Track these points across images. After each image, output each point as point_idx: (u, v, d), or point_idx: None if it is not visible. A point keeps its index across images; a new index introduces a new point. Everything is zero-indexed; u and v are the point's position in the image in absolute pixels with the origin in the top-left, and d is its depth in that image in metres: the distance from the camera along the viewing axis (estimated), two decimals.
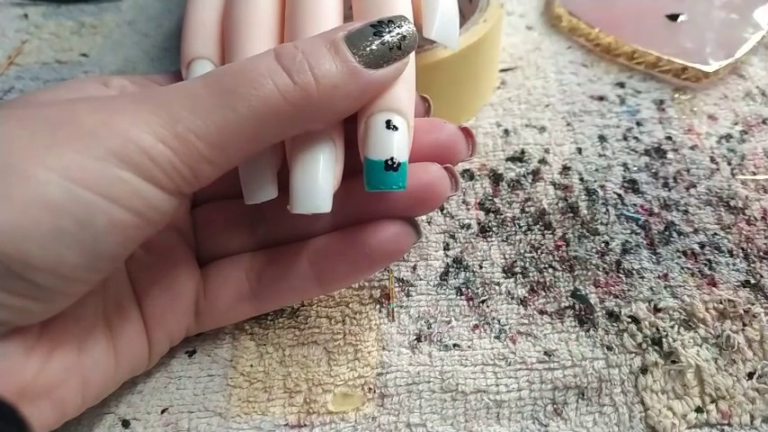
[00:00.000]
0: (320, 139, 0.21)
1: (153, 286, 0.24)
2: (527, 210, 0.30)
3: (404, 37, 0.21)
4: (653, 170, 0.32)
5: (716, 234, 0.29)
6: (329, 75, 0.19)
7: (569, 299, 0.27)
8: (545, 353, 0.25)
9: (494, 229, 0.30)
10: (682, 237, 0.29)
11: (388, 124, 0.21)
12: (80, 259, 0.18)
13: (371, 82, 0.20)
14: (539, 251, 0.29)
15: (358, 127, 0.22)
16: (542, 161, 0.32)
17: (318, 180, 0.21)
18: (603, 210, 0.30)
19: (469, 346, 0.26)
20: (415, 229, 0.24)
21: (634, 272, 0.28)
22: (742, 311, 0.26)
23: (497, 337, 0.26)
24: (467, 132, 0.24)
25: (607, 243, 0.29)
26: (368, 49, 0.20)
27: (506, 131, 0.34)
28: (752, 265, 0.28)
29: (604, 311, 0.26)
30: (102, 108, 0.19)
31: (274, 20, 0.26)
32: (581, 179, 0.31)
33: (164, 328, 0.24)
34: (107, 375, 0.22)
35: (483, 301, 0.27)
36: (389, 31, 0.21)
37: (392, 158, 0.21)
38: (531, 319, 0.26)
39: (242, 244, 0.26)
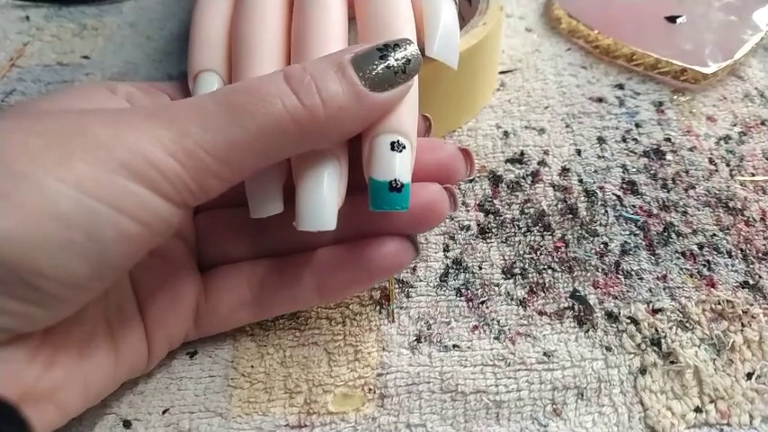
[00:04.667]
0: (325, 159, 0.22)
1: (154, 290, 0.24)
2: (526, 211, 0.30)
3: (408, 61, 0.21)
4: (652, 171, 0.32)
5: (715, 235, 0.29)
6: (336, 97, 0.20)
7: (568, 300, 0.27)
8: (544, 353, 0.25)
9: (493, 230, 0.30)
10: (681, 238, 0.29)
11: (393, 146, 0.21)
12: (88, 269, 0.18)
13: (376, 104, 0.21)
14: (538, 252, 0.29)
15: (362, 148, 0.22)
16: (542, 163, 0.33)
17: (323, 199, 0.21)
18: (602, 211, 0.30)
19: (469, 347, 0.26)
20: (414, 246, 0.24)
21: (633, 273, 0.28)
22: (741, 312, 0.26)
23: (497, 338, 0.26)
24: (466, 153, 0.25)
25: (606, 244, 0.29)
26: (373, 72, 0.21)
27: (506, 133, 0.34)
28: (750, 265, 0.28)
29: (603, 312, 0.27)
30: (113, 121, 0.19)
31: (281, 35, 0.26)
32: (580, 180, 0.32)
33: (163, 332, 0.24)
34: (108, 377, 0.23)
35: (482, 302, 0.27)
36: (395, 55, 0.21)
37: (396, 179, 0.21)
38: (530, 319, 0.27)
39: (244, 252, 0.26)
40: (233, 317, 0.26)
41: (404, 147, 0.22)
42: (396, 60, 0.21)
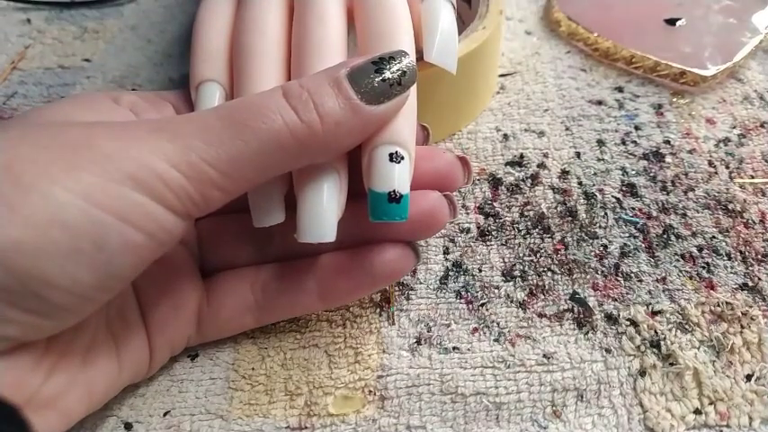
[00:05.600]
0: (325, 172, 0.22)
1: (156, 296, 0.24)
2: (526, 214, 0.31)
3: (404, 72, 0.22)
4: (651, 174, 0.32)
5: (714, 237, 0.29)
6: (332, 113, 0.20)
7: (568, 302, 0.27)
8: (544, 355, 0.25)
9: (493, 232, 0.30)
10: (680, 240, 0.29)
11: (391, 157, 0.22)
12: (94, 279, 0.18)
13: (373, 117, 0.21)
14: (538, 255, 0.29)
15: (362, 159, 0.23)
16: (541, 165, 0.33)
17: (323, 211, 0.22)
18: (602, 213, 0.30)
19: (469, 349, 0.26)
20: (415, 253, 0.25)
21: (632, 275, 0.28)
22: (740, 314, 0.26)
23: (497, 340, 0.26)
24: (464, 161, 0.25)
25: (606, 246, 0.29)
26: (369, 86, 0.21)
27: (505, 136, 0.34)
28: (750, 267, 0.28)
29: (603, 314, 0.27)
30: (119, 135, 0.19)
31: (282, 45, 0.26)
32: (580, 183, 0.32)
33: (165, 337, 0.24)
34: (110, 382, 0.23)
35: (482, 305, 0.27)
36: (390, 68, 0.21)
37: (394, 191, 0.22)
38: (530, 322, 0.27)
39: (246, 257, 0.26)
40: (235, 322, 0.26)
41: (402, 158, 0.22)
42: (391, 73, 0.21)
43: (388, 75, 0.21)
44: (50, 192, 0.17)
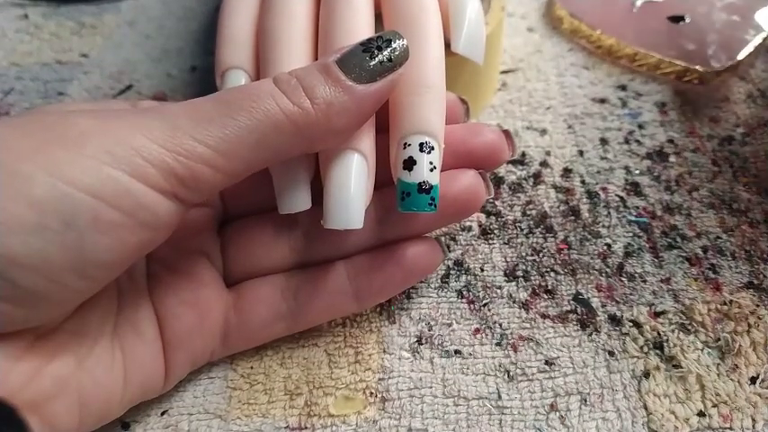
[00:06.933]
0: (352, 157, 0.22)
1: (176, 307, 0.23)
2: (528, 213, 0.30)
3: (394, 50, 0.22)
4: (655, 173, 0.32)
5: (719, 237, 0.29)
6: (323, 96, 0.20)
7: (571, 303, 0.27)
8: (547, 359, 0.25)
9: (495, 231, 0.30)
10: (685, 241, 0.29)
11: (421, 147, 0.22)
12: (65, 259, 0.17)
13: (365, 96, 0.21)
14: (540, 254, 0.29)
15: (390, 149, 0.23)
16: (543, 164, 0.32)
17: (351, 197, 0.22)
18: (605, 213, 0.30)
19: (471, 354, 0.25)
20: (442, 249, 0.25)
21: (636, 275, 0.28)
22: (748, 313, 0.26)
23: (498, 344, 0.26)
24: (507, 134, 0.25)
25: (609, 246, 0.29)
26: (359, 67, 0.21)
27: None
28: (755, 266, 0.28)
29: (606, 315, 0.26)
30: (100, 114, 0.19)
31: (309, 32, 0.26)
32: (582, 182, 0.31)
33: (186, 352, 0.24)
34: (112, 396, 0.22)
35: (484, 305, 0.27)
36: (379, 47, 0.21)
37: (425, 181, 0.22)
38: (532, 323, 0.26)
39: (272, 264, 0.25)
40: (265, 331, 0.25)
41: (432, 148, 0.22)
42: (380, 52, 0.21)
43: (377, 54, 0.21)
44: (16, 167, 0.17)
